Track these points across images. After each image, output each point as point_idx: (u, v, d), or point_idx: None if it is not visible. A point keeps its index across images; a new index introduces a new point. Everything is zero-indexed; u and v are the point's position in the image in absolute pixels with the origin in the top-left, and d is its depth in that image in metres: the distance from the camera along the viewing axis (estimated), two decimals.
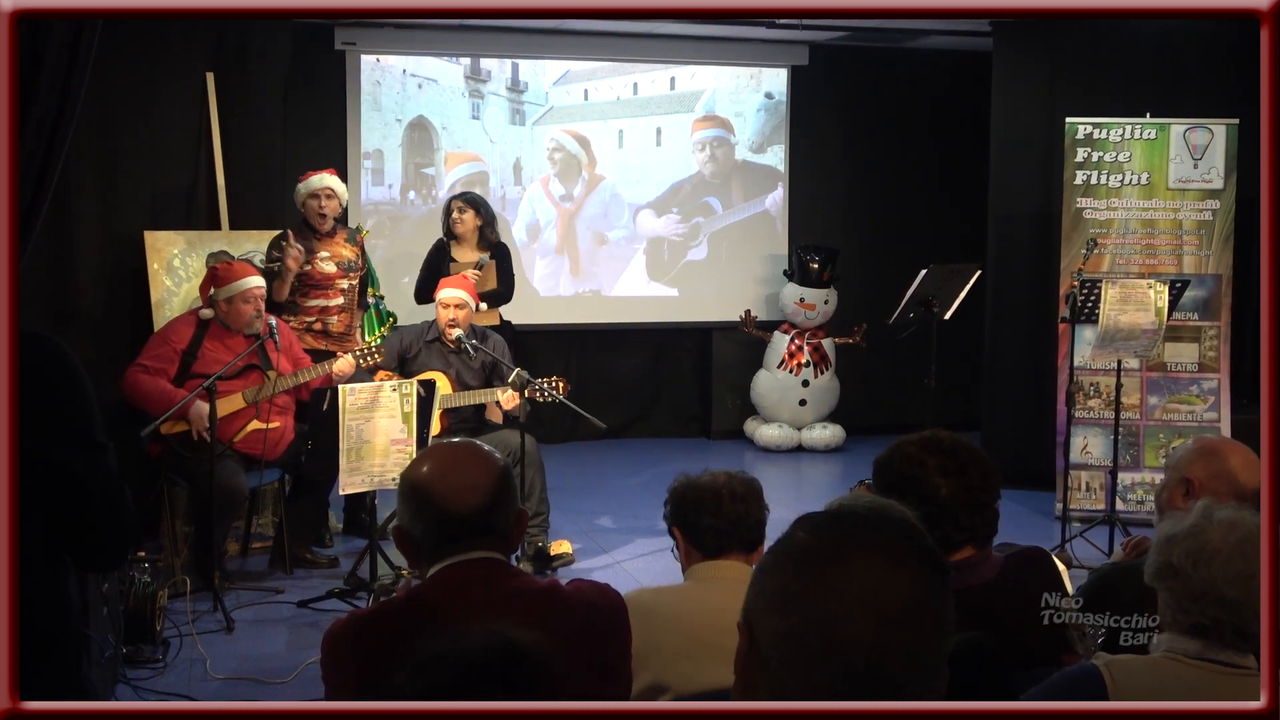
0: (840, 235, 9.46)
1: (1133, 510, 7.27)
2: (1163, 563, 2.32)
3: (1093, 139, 7.48)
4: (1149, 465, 7.41)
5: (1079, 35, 7.91)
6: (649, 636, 2.68)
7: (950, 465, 2.85)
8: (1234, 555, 2.25)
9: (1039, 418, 7.65)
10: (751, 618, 1.30)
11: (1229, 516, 2.32)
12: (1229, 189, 7.40)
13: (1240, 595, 2.26)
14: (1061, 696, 2.35)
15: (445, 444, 2.41)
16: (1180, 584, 2.29)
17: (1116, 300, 6.59)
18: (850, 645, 1.21)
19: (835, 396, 9.30)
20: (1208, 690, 2.26)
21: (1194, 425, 7.36)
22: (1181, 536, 2.30)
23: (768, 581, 1.30)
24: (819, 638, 1.22)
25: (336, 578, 5.95)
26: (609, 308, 9.36)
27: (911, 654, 1.23)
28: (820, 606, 1.23)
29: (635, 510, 7.49)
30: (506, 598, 2.22)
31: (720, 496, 2.93)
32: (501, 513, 2.29)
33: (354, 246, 6.74)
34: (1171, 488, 3.18)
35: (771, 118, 9.53)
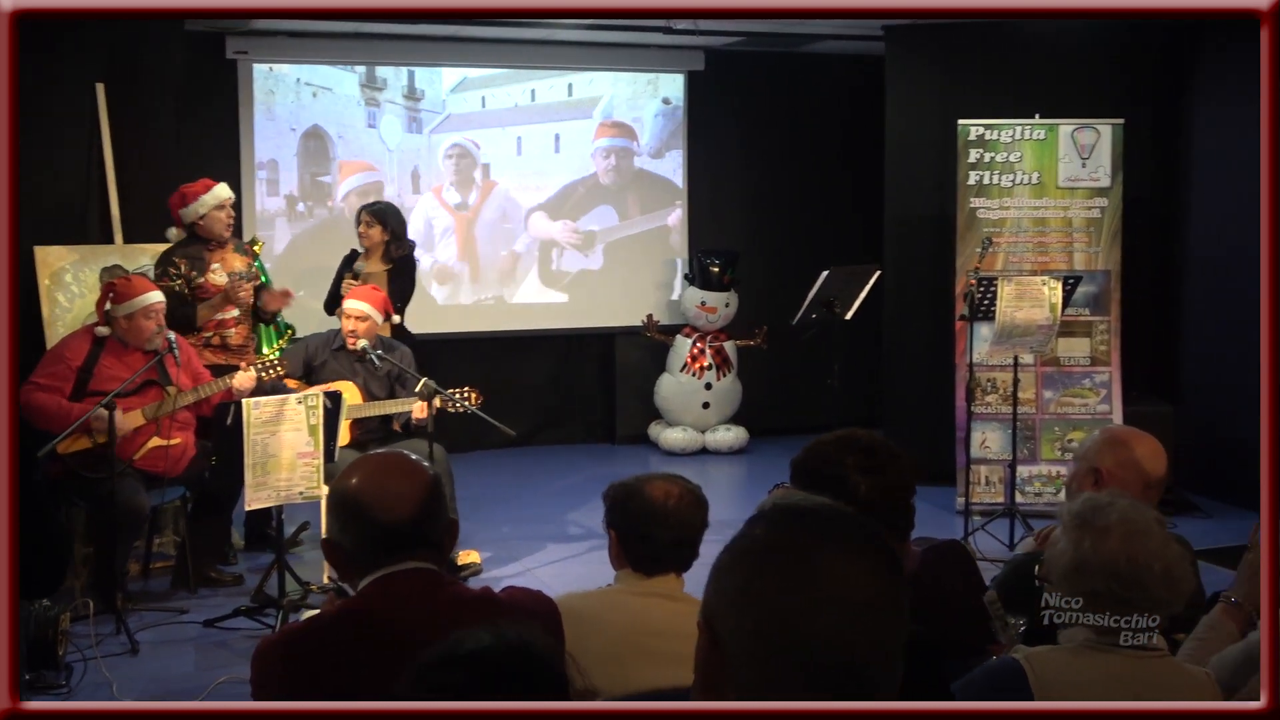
0: (740, 238, 9.54)
1: (1031, 502, 7.43)
2: (1088, 593, 2.36)
3: (984, 140, 7.64)
4: (1046, 458, 7.59)
5: (970, 38, 8.07)
6: (578, 641, 2.68)
7: (869, 463, 2.89)
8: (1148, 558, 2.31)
9: (939, 414, 7.79)
10: (712, 616, 1.31)
11: (1116, 518, 2.38)
12: (1116, 187, 7.61)
13: (1167, 591, 2.33)
14: (984, 688, 2.40)
15: (375, 455, 2.39)
16: (1112, 602, 2.34)
17: (1013, 297, 6.74)
18: (815, 639, 1.23)
19: (738, 398, 9.37)
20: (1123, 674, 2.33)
21: (1088, 418, 7.56)
22: (1092, 561, 2.34)
23: (728, 579, 1.30)
24: (784, 633, 1.24)
25: (243, 595, 5.84)
26: (510, 315, 9.33)
27: (875, 645, 1.25)
28: (784, 602, 1.24)
29: (544, 517, 7.48)
30: (443, 607, 2.21)
31: (666, 516, 2.90)
32: (433, 523, 2.27)
33: (245, 257, 6.64)
34: (1081, 477, 3.26)
35: (669, 123, 9.58)
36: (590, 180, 9.45)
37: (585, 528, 7.27)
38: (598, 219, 9.49)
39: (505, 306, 9.32)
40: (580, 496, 7.91)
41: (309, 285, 8.02)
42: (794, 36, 9.05)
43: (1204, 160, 7.99)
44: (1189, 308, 8.15)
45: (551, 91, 9.34)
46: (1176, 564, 2.36)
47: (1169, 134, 8.17)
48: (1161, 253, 8.25)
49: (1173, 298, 8.25)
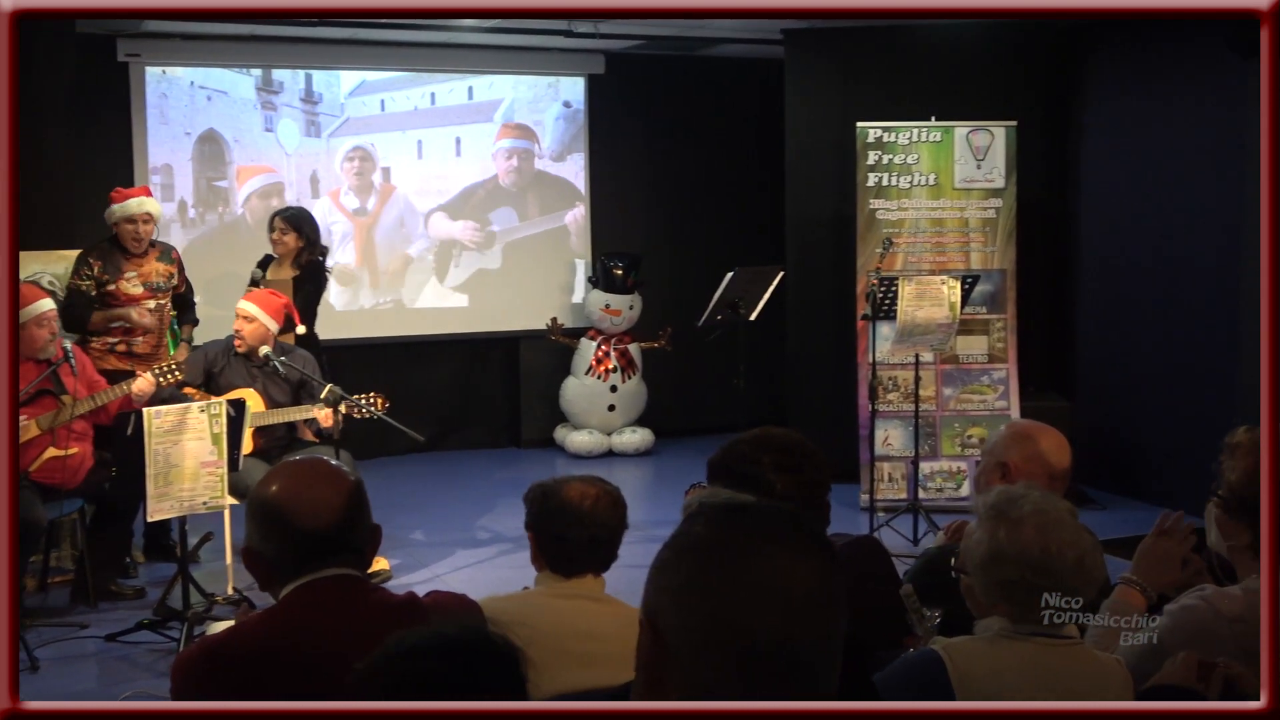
0: (643, 241, 9.58)
1: (933, 498, 7.57)
2: (1002, 582, 2.42)
3: (883, 142, 7.77)
4: (946, 454, 7.73)
5: (868, 42, 8.20)
6: None
7: (785, 461, 2.92)
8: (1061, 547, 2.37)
9: (842, 413, 7.89)
10: (654, 613, 1.32)
11: (1030, 509, 2.44)
12: (1010, 188, 7.79)
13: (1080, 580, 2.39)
14: (904, 679, 2.44)
15: (295, 461, 2.35)
16: (1025, 592, 2.40)
17: (913, 296, 6.86)
18: (760, 633, 1.25)
19: (643, 400, 9.40)
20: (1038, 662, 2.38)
21: (986, 414, 7.72)
22: (1007, 550, 2.40)
23: (670, 576, 1.32)
24: (728, 628, 1.25)
25: (145, 608, 5.71)
26: (412, 320, 9.26)
27: (816, 639, 1.27)
28: (728, 597, 1.26)
29: (451, 523, 7.43)
30: (368, 614, 2.19)
31: (584, 517, 2.90)
32: (356, 529, 2.25)
33: (169, 265, 6.53)
34: (989, 472, 3.32)
35: (570, 126, 9.59)
36: (491, 182, 9.42)
37: (493, 532, 7.24)
38: (498, 221, 9.46)
39: (406, 311, 9.25)
40: (487, 501, 7.88)
41: (208, 292, 7.88)
42: (693, 40, 9.11)
43: (1094, 161, 8.20)
44: (1082, 305, 8.36)
45: (452, 94, 9.29)
46: (1089, 553, 2.43)
47: (1061, 135, 8.37)
48: (1055, 251, 8.45)
49: (1066, 295, 8.46)
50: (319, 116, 8.90)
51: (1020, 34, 8.14)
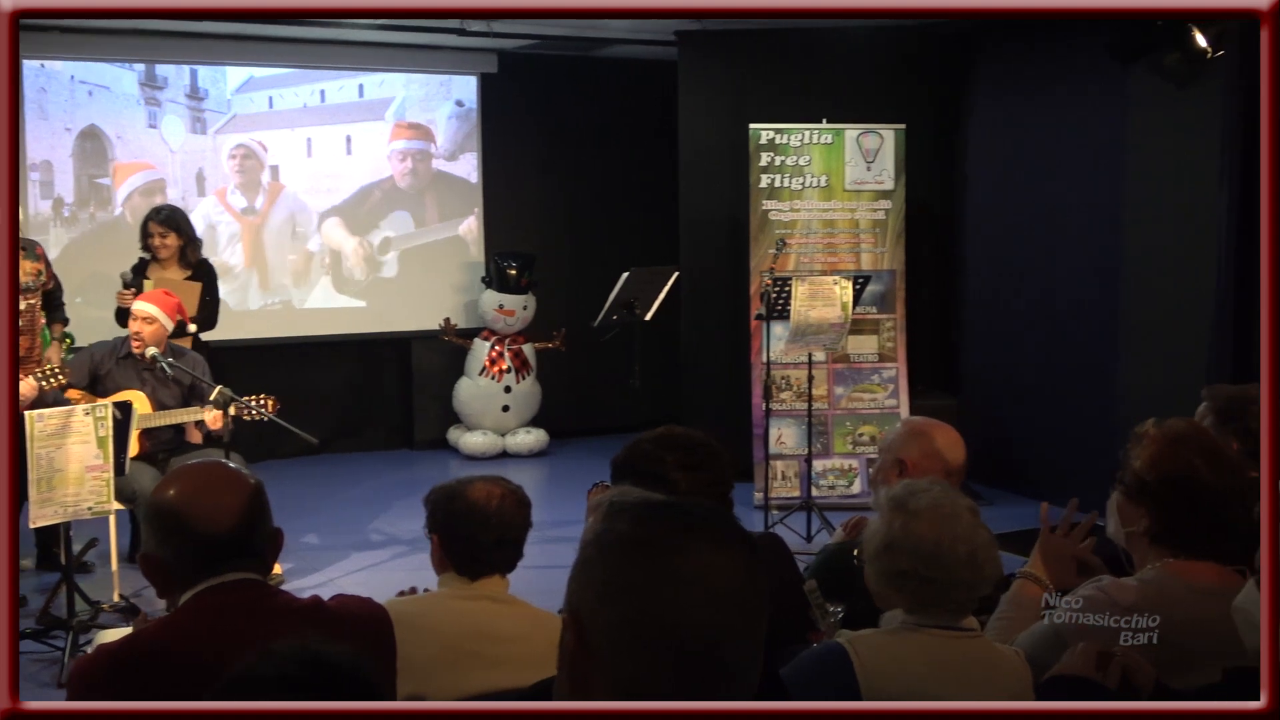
0: (538, 241, 9.55)
1: (825, 495, 7.66)
2: (894, 571, 2.46)
3: (775, 144, 7.84)
4: (838, 452, 7.83)
5: (761, 44, 8.27)
6: (405, 648, 2.65)
7: (688, 459, 2.94)
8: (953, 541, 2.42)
9: (737, 412, 7.95)
10: (578, 611, 1.32)
11: (927, 502, 2.49)
12: (899, 189, 7.92)
13: (971, 574, 2.44)
14: (811, 672, 2.47)
15: (194, 464, 2.30)
16: (916, 583, 2.44)
17: (806, 297, 6.94)
18: (686, 629, 1.25)
19: (538, 401, 9.37)
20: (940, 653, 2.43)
21: (877, 412, 7.84)
22: (901, 541, 2.44)
23: (594, 573, 1.31)
24: (655, 624, 1.25)
25: (27, 617, 5.54)
26: (302, 320, 9.11)
27: (741, 634, 1.28)
28: (654, 594, 1.26)
29: (344, 526, 7.33)
30: (271, 619, 2.15)
31: (489, 518, 2.88)
32: (257, 533, 2.21)
33: (35, 262, 6.31)
34: (886, 469, 3.37)
35: (463, 125, 9.52)
36: (387, 183, 9.31)
37: (388, 535, 7.16)
38: (393, 224, 9.35)
39: (297, 312, 9.10)
40: (381, 504, 7.80)
41: (88, 292, 7.68)
42: (587, 40, 9.10)
43: (979, 163, 8.37)
44: (968, 305, 8.53)
45: (342, 92, 9.16)
46: (983, 548, 2.48)
47: (948, 138, 8.53)
48: (942, 252, 8.61)
49: (953, 295, 8.62)
50: (205, 113, 8.71)
51: (910, 38, 8.28)
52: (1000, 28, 7.91)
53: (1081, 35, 7.16)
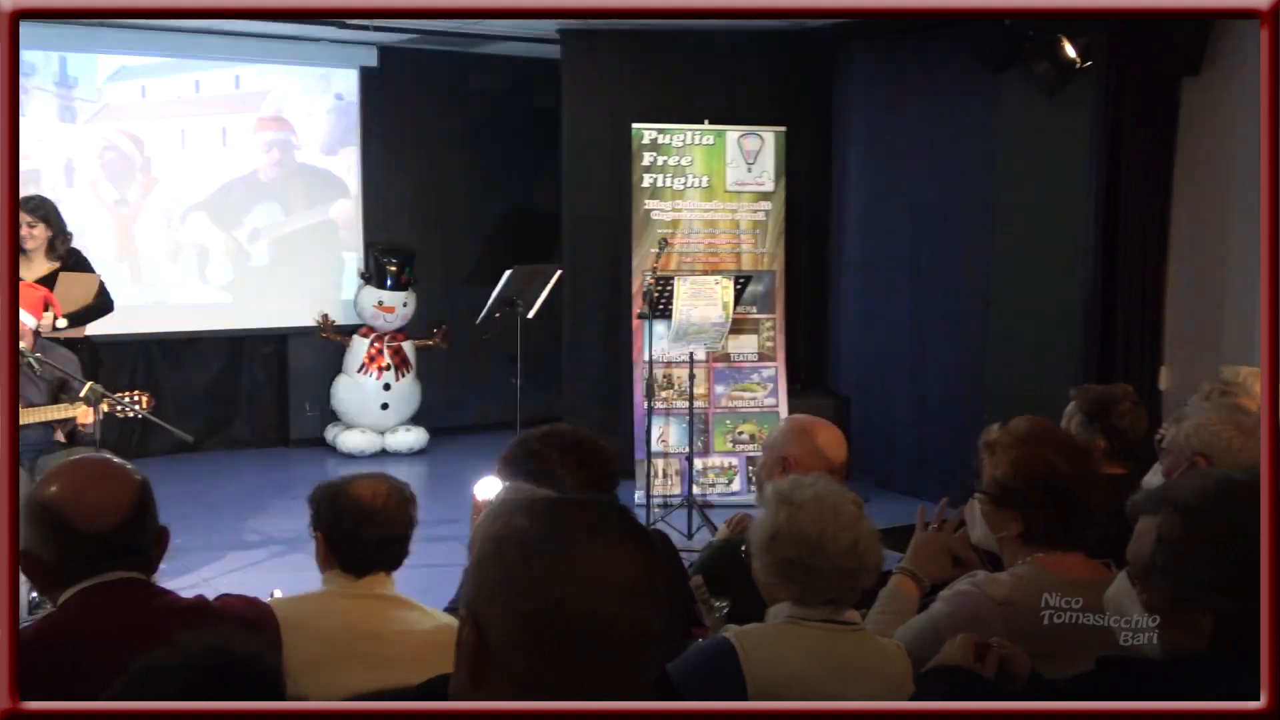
0: (418, 237, 9.47)
1: (706, 493, 7.73)
2: (779, 561, 2.51)
3: (657, 144, 7.89)
4: (719, 450, 7.91)
5: (644, 44, 8.30)
6: (289, 648, 2.62)
7: (575, 457, 2.96)
8: (836, 531, 2.48)
9: (618, 410, 7.99)
10: (476, 608, 1.32)
11: (812, 494, 2.55)
12: (779, 191, 8.03)
13: (853, 563, 2.50)
14: (698, 666, 2.50)
15: (77, 460, 2.26)
16: (802, 572, 2.49)
17: (688, 296, 7.00)
18: (585, 623, 1.26)
19: (417, 399, 9.30)
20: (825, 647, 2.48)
21: (756, 410, 7.94)
22: (785, 531, 2.50)
23: (492, 570, 1.32)
24: (554, 618, 1.26)
25: None
26: (176, 316, 8.91)
27: (640, 627, 1.29)
28: (553, 588, 1.27)
29: (218, 525, 7.19)
30: (155, 618, 2.11)
31: (375, 515, 2.86)
32: (143, 531, 2.17)
33: None
34: (770, 466, 3.42)
35: (343, 119, 9.39)
36: (255, 176, 9.14)
37: (263, 535, 7.05)
38: (264, 217, 9.18)
39: (170, 307, 8.89)
40: (256, 503, 7.67)
41: None
42: (468, 36, 9.05)
43: (857, 165, 8.52)
44: (844, 305, 8.68)
45: (217, 83, 8.97)
46: (865, 539, 2.54)
47: (826, 140, 8.66)
48: (820, 252, 8.74)
49: (830, 295, 8.76)
50: (75, 102, 8.47)
51: (790, 41, 8.39)
52: (874, 31, 8.05)
53: (954, 42, 7.34)
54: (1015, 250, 7.25)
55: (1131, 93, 6.26)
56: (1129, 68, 6.24)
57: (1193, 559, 1.77)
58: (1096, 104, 6.39)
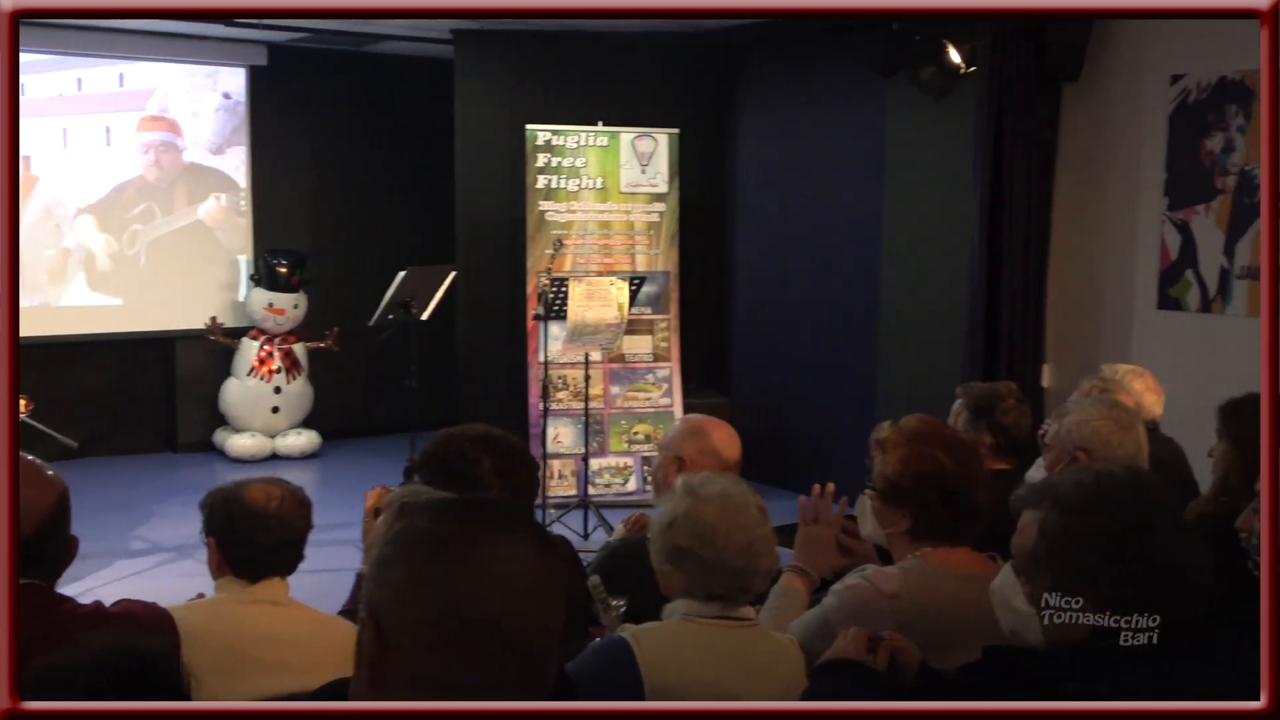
0: (310, 238, 9.36)
1: (601, 493, 7.76)
2: (671, 547, 2.55)
3: (551, 145, 7.90)
4: (614, 450, 7.95)
5: (537, 45, 8.31)
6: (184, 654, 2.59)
7: (504, 464, 2.96)
8: (732, 528, 2.52)
9: (514, 411, 7.96)
10: (377, 610, 1.33)
11: (717, 490, 2.59)
12: (673, 192, 8.09)
13: (744, 563, 2.54)
14: (595, 665, 2.52)
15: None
16: (693, 563, 2.53)
17: (583, 297, 7.02)
18: (488, 623, 1.28)
19: (309, 402, 9.19)
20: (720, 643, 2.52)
21: (651, 411, 7.99)
22: (682, 520, 2.53)
23: (394, 571, 1.33)
24: (457, 619, 1.28)
25: None
26: (59, 319, 8.69)
27: (542, 626, 1.31)
28: (456, 589, 1.28)
29: (105, 533, 7.04)
30: (55, 627, 2.07)
31: (269, 519, 2.83)
32: (56, 538, 2.13)
33: None
34: (665, 466, 3.46)
35: (231, 118, 9.25)
36: (142, 178, 8.96)
37: (151, 542, 6.92)
38: (151, 218, 9.01)
39: (54, 311, 8.67)
40: (143, 510, 7.53)
41: None
42: (359, 35, 8.96)
43: (749, 167, 8.62)
44: (738, 305, 8.77)
45: (101, 81, 8.78)
46: (760, 541, 2.58)
47: (719, 143, 8.75)
48: (714, 254, 8.82)
49: (724, 296, 8.85)
50: None
51: (684, 44, 8.45)
52: (768, 35, 8.15)
53: (845, 47, 7.46)
54: (905, 250, 7.40)
55: (1015, 97, 6.41)
56: (1012, 73, 6.40)
57: (1072, 551, 1.84)
58: (981, 108, 6.54)
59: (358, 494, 4.80)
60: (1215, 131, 5.87)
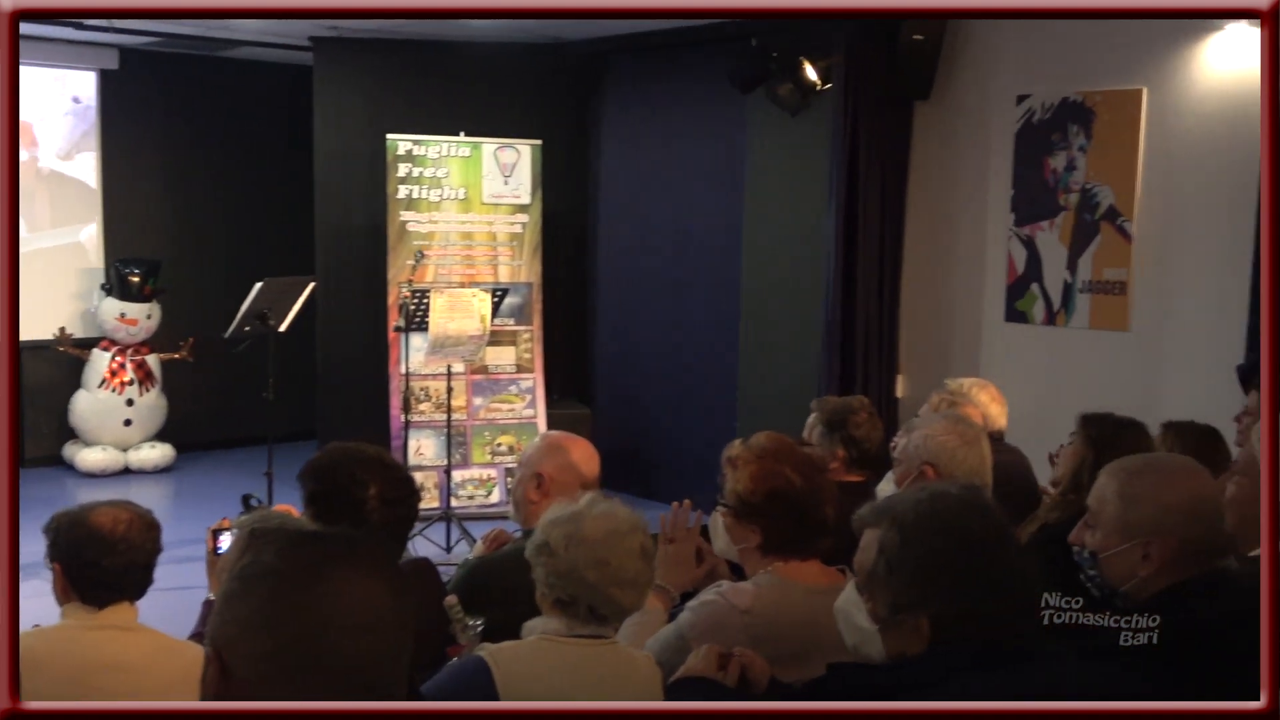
0: (164, 247, 9.14)
1: (465, 505, 7.72)
2: (542, 541, 2.56)
3: (413, 155, 7.85)
4: (477, 462, 7.92)
5: (398, 53, 8.24)
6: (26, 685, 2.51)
7: (393, 494, 2.93)
8: (600, 543, 2.54)
9: (375, 424, 7.88)
10: (222, 644, 1.32)
11: (607, 510, 2.61)
12: (535, 203, 8.10)
13: (598, 579, 2.55)
14: (452, 685, 2.52)
15: None
16: (551, 561, 2.55)
17: (444, 309, 6.99)
18: (334, 657, 1.28)
19: (163, 414, 8.98)
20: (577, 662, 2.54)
21: (515, 422, 7.98)
22: (562, 520, 2.56)
23: (240, 607, 1.32)
24: (304, 654, 1.28)
25: None
26: None
27: (387, 661, 1.32)
28: (303, 623, 1.29)
29: None
30: None
31: (116, 544, 2.77)
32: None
33: None
34: (525, 483, 3.47)
35: (80, 123, 8.99)
36: None
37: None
38: None
39: None
40: None
41: None
42: (214, 40, 8.77)
43: (611, 179, 8.67)
44: (601, 316, 8.81)
45: None
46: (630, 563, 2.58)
47: (582, 154, 8.78)
48: (577, 265, 8.85)
49: (587, 307, 8.88)
50: None
51: (546, 55, 8.47)
52: (629, 47, 8.22)
53: (706, 60, 7.56)
54: (764, 263, 7.51)
55: (868, 115, 6.57)
56: (866, 91, 6.55)
57: (909, 568, 1.90)
58: (836, 125, 6.68)
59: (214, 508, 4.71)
60: (1058, 150, 6.10)
